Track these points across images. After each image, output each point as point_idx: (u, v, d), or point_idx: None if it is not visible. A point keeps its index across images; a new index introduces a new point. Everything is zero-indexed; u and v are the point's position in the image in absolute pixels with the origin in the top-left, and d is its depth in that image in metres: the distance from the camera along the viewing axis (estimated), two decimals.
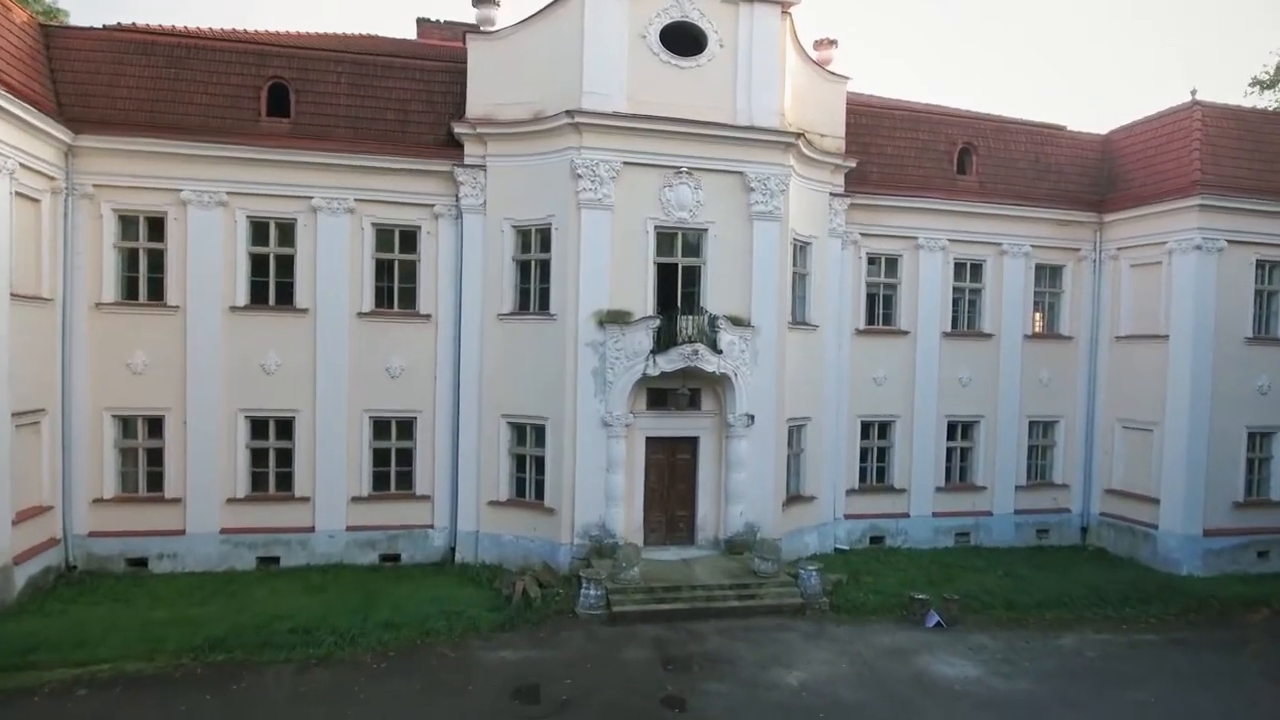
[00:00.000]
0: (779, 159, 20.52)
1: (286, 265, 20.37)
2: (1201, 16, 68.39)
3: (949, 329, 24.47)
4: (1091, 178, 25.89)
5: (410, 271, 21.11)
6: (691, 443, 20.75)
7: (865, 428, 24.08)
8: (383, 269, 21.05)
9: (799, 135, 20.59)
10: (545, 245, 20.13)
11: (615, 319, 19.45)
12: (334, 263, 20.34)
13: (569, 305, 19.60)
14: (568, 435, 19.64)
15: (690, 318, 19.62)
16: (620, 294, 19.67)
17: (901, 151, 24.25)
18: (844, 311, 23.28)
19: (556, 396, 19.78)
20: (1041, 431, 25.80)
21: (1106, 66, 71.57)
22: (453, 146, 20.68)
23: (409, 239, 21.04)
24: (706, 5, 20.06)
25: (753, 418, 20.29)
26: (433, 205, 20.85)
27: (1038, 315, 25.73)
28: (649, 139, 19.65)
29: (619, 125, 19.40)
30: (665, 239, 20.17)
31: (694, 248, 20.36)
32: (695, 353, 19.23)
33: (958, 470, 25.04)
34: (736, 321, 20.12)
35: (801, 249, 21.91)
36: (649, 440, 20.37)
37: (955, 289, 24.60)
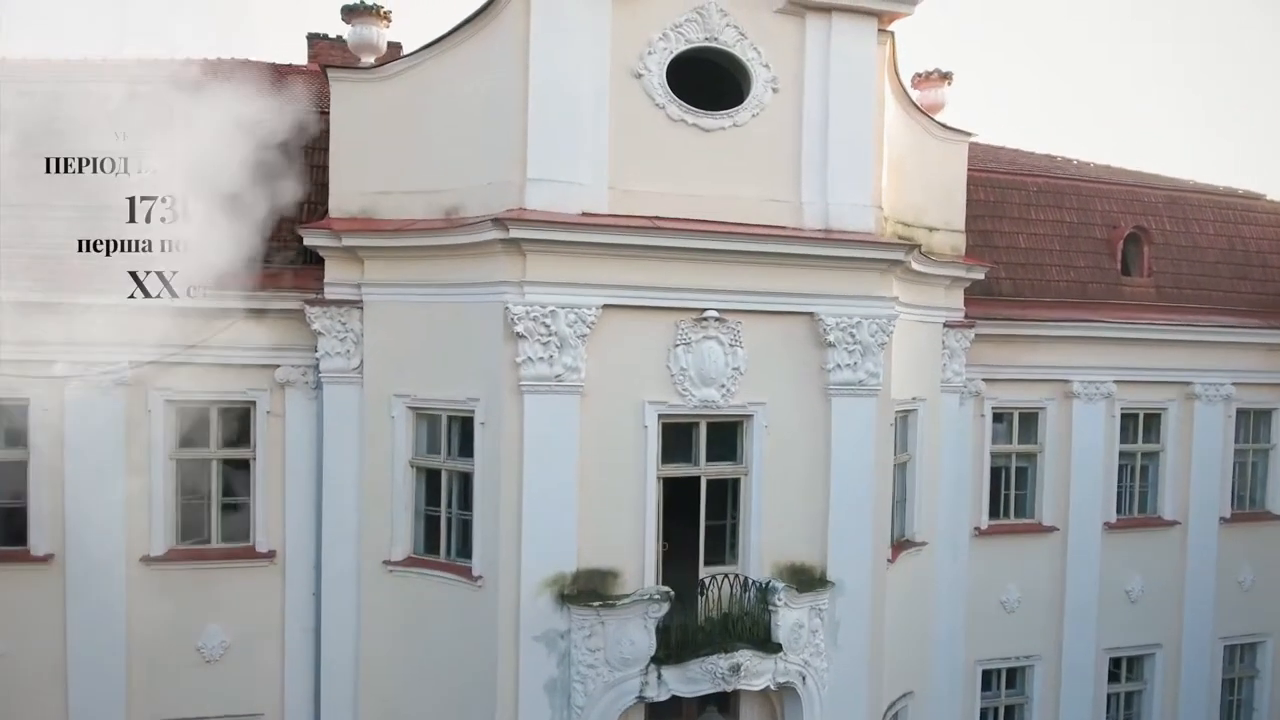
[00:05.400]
0: (877, 288, 11.83)
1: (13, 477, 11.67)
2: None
3: (1113, 518, 15.84)
4: None
5: (241, 478, 12.37)
6: None
7: (987, 678, 15.46)
8: (194, 478, 12.28)
9: (912, 247, 11.91)
10: (467, 446, 11.42)
11: (588, 590, 10.73)
12: (94, 473, 11.54)
13: (504, 561, 10.87)
14: None
15: (724, 586, 10.94)
16: (597, 541, 10.95)
17: (1041, 245, 15.64)
18: (960, 503, 14.61)
19: None
20: (1238, 657, 17.25)
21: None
22: (309, 266, 11.96)
23: (237, 425, 12.29)
24: (748, 17, 11.38)
25: None
26: (275, 367, 12.07)
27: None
28: (648, 263, 10.93)
29: (591, 242, 10.71)
30: (678, 435, 11.45)
31: (729, 449, 11.63)
32: (735, 669, 10.43)
33: None
34: (804, 578, 11.41)
35: (902, 421, 13.25)
36: None
37: (1122, 454, 15.99)
